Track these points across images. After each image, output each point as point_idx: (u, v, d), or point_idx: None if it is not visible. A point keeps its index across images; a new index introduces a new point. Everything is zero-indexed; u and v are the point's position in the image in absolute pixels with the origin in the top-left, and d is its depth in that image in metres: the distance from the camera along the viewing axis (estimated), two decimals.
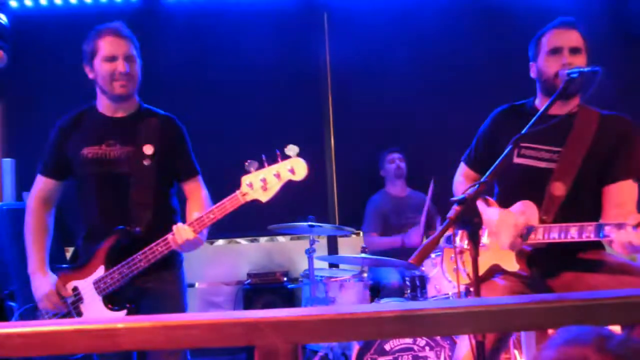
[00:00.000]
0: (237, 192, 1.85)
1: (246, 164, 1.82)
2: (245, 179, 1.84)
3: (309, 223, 3.21)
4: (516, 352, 2.73)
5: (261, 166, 1.83)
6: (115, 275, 1.93)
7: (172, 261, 2.09)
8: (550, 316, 0.86)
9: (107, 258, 1.95)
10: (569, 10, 1.99)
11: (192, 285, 4.35)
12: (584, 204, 1.89)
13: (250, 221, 4.21)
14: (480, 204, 1.96)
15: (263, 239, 4.48)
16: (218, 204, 1.87)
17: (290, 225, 3.30)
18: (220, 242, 4.51)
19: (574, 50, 1.88)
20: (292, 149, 1.79)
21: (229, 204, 1.85)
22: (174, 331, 0.87)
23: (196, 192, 2.09)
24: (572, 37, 1.90)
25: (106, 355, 2.06)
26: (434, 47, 4.40)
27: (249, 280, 4.16)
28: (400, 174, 4.00)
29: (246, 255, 4.45)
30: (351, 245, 4.34)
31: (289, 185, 4.38)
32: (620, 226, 1.53)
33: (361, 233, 4.04)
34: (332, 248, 4.39)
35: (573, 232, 1.64)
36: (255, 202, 1.86)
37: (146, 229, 1.96)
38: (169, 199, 2.13)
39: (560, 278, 1.89)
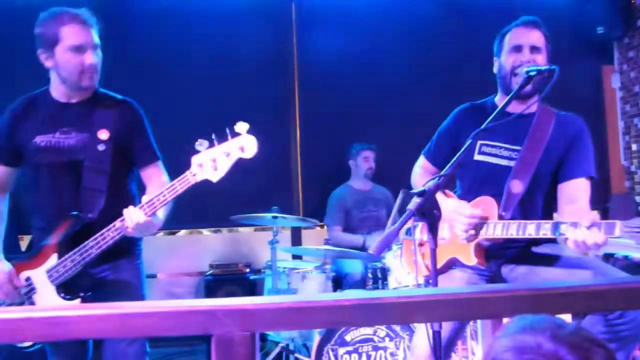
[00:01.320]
0: (187, 172, 1.82)
1: (196, 143, 1.78)
2: (196, 159, 1.81)
3: (273, 214, 3.20)
4: (473, 343, 2.80)
5: (211, 145, 1.80)
6: (67, 263, 1.87)
7: (129, 250, 2.04)
8: (505, 305, 0.88)
9: (60, 246, 1.89)
10: (531, 10, 2.03)
11: (152, 276, 4.28)
12: (541, 201, 1.95)
13: (213, 211, 4.18)
14: (439, 196, 1.99)
15: (226, 230, 4.44)
16: (168, 185, 1.84)
17: (254, 216, 3.28)
18: (182, 232, 4.45)
19: (534, 49, 1.93)
20: (241, 127, 1.77)
21: (179, 184, 1.82)
22: (130, 319, 0.85)
23: (155, 179, 2.04)
24: (534, 36, 1.94)
25: (60, 345, 2.00)
26: (403, 40, 4.45)
27: (210, 271, 4.12)
28: (372, 174, 4.04)
29: (208, 246, 4.40)
30: (315, 237, 4.35)
31: (254, 176, 4.37)
32: (575, 225, 1.58)
33: (325, 225, 4.06)
34: (296, 240, 4.40)
35: (531, 230, 1.68)
36: (207, 183, 1.83)
37: (100, 215, 1.91)
38: (125, 185, 2.08)
39: (516, 272, 1.94)
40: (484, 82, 2.26)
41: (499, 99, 2.06)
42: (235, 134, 1.78)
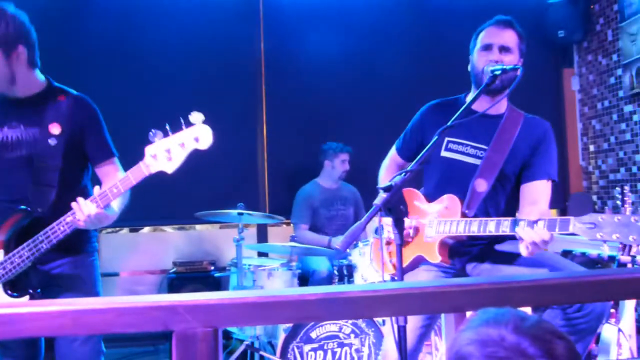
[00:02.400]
0: (141, 163, 1.77)
1: (150, 134, 1.74)
2: (149, 150, 1.77)
3: (238, 211, 3.16)
4: (437, 338, 2.83)
5: (165, 136, 1.76)
6: (15, 259, 1.80)
7: (82, 246, 1.98)
8: (469, 298, 0.89)
9: (8, 241, 1.82)
10: (497, 12, 2.05)
11: (114, 274, 4.18)
12: (503, 201, 1.99)
13: (177, 208, 4.11)
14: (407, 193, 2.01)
15: (190, 227, 4.37)
16: (121, 177, 1.79)
17: (219, 212, 3.23)
18: (146, 229, 4.36)
19: (504, 49, 1.95)
20: (196, 117, 1.73)
21: (132, 176, 1.77)
22: (83, 316, 0.81)
23: (111, 175, 1.98)
24: (505, 36, 1.97)
25: (7, 345, 1.93)
26: (371, 39, 4.47)
27: (174, 269, 4.05)
28: (342, 177, 4.01)
29: (172, 243, 4.32)
30: (281, 234, 4.33)
31: (219, 172, 4.30)
32: (532, 224, 1.61)
33: (291, 222, 4.04)
34: (262, 237, 4.36)
35: (491, 227, 1.71)
36: (171, 179, 1.79)
37: (51, 210, 1.85)
38: (80, 181, 2.02)
39: (479, 269, 1.97)
40: (457, 80, 2.28)
41: (471, 96, 2.09)
42: (190, 124, 1.74)
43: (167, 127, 1.73)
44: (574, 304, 1.67)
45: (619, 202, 2.52)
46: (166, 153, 1.75)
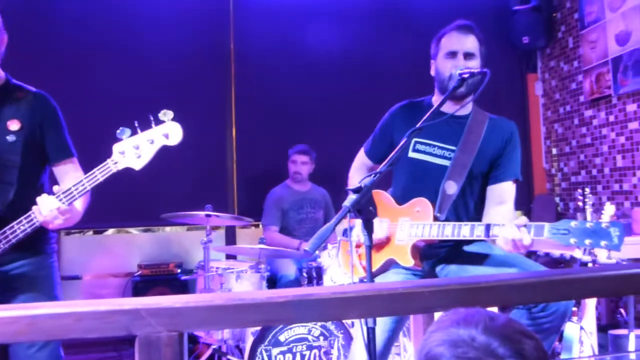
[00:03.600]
0: (109, 160, 1.75)
1: (118, 131, 1.72)
2: (117, 147, 1.75)
3: (206, 212, 3.11)
4: (405, 340, 2.85)
5: (134, 133, 1.74)
6: None
7: (41, 247, 1.92)
8: (438, 299, 0.88)
9: None
10: (463, 17, 2.08)
11: (76, 278, 4.06)
12: (472, 202, 2.01)
13: (143, 210, 4.02)
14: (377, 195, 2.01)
15: (158, 229, 4.28)
16: (87, 174, 1.75)
17: (186, 214, 3.17)
18: (110, 231, 4.24)
19: (469, 55, 1.98)
20: (166, 114, 1.72)
21: (100, 173, 1.74)
22: (41, 321, 0.77)
23: (70, 174, 1.93)
24: (468, 42, 1.99)
25: None
26: (342, 39, 4.47)
27: (139, 272, 3.96)
28: (298, 179, 3.96)
29: (138, 245, 4.23)
30: (250, 236, 4.28)
31: (187, 173, 4.22)
32: (504, 227, 1.64)
33: (261, 224, 4.00)
34: (230, 239, 4.31)
35: (465, 231, 1.73)
36: (137, 179, 1.76)
37: (8, 209, 1.79)
38: (37, 179, 1.96)
39: (447, 270, 1.99)
40: (423, 82, 2.30)
41: (436, 99, 2.11)
42: (159, 122, 1.72)
43: (136, 124, 1.71)
44: (540, 302, 1.70)
45: (580, 204, 2.60)
46: (135, 150, 1.73)
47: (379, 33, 4.51)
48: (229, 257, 4.01)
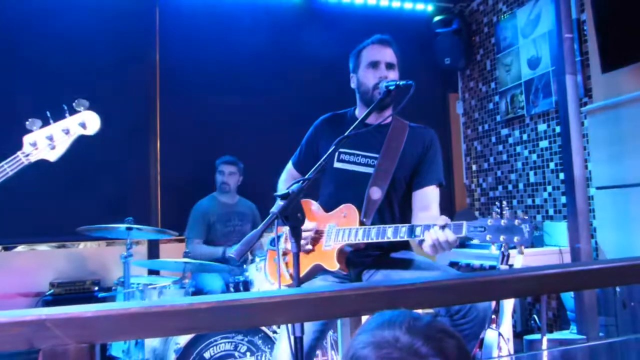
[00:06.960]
0: (19, 152, 1.62)
1: (27, 123, 1.60)
2: (28, 138, 1.63)
3: (127, 225, 2.95)
4: (333, 353, 2.84)
5: (46, 124, 1.63)
6: None
7: None
8: (364, 302, 0.88)
9: None
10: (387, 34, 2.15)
11: None
12: (397, 207, 2.06)
13: (56, 223, 3.77)
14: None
15: (73, 244, 4.02)
16: None
17: (105, 227, 3.00)
18: (20, 248, 3.93)
19: (390, 66, 2.06)
20: (81, 104, 1.64)
21: (9, 167, 1.61)
22: None
23: None
24: (388, 53, 2.08)
25: None
26: (269, 48, 4.47)
27: (51, 291, 3.69)
28: (225, 190, 3.89)
29: (50, 262, 3.93)
30: (174, 250, 4.12)
31: (106, 183, 4.00)
32: (428, 227, 1.69)
33: (185, 237, 3.87)
34: (153, 253, 4.12)
35: (389, 233, 1.76)
36: (48, 190, 1.64)
37: None
38: None
39: (374, 277, 2.01)
40: (346, 93, 2.33)
41: (359, 111, 2.15)
42: (74, 112, 1.62)
43: (48, 114, 1.60)
44: (464, 303, 1.75)
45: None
46: (48, 141, 1.62)
47: (306, 46, 4.54)
48: (152, 272, 3.83)
